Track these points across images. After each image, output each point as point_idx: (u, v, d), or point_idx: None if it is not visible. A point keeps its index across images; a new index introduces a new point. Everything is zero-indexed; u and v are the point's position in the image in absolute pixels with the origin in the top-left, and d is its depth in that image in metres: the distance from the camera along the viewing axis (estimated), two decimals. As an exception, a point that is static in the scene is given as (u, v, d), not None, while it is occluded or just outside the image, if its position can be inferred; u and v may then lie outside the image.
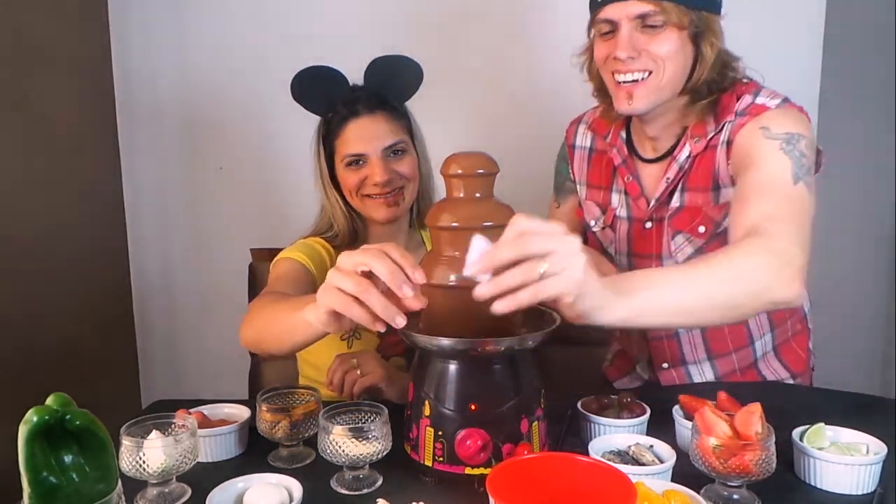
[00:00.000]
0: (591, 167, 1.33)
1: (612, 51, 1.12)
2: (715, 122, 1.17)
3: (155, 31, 2.04)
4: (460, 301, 0.96)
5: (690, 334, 1.29)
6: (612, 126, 1.29)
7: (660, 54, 1.10)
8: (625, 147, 1.28)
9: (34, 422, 0.69)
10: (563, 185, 1.39)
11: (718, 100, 1.16)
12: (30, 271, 1.66)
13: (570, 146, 1.37)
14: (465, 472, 0.94)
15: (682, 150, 1.19)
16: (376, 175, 1.30)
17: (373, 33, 1.96)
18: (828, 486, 0.94)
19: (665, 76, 1.11)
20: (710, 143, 1.18)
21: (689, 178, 1.21)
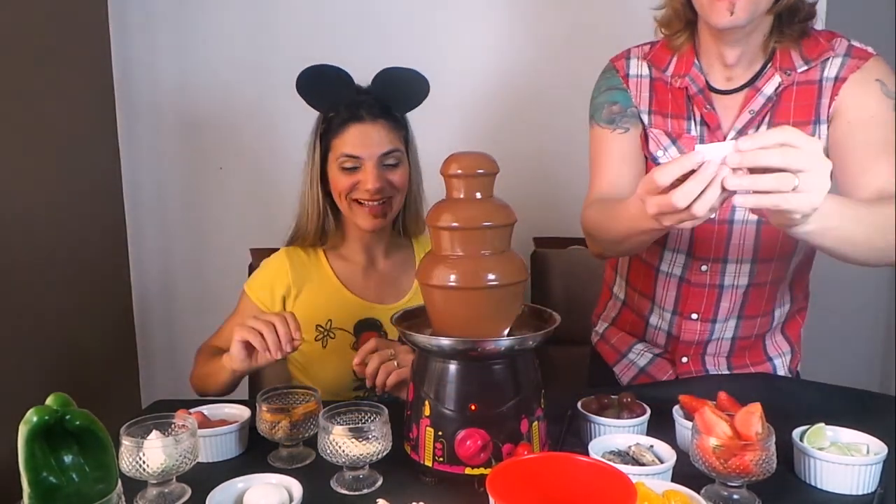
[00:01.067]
0: (656, 94, 1.27)
1: None
2: (802, 57, 1.16)
3: (155, 31, 2.04)
4: (460, 301, 0.96)
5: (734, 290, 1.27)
6: (675, 57, 1.25)
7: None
8: (702, 75, 1.22)
9: (34, 422, 0.69)
10: (628, 112, 1.28)
11: (805, 30, 1.16)
12: (30, 271, 1.66)
13: (625, 76, 1.30)
14: (465, 472, 0.94)
15: (768, 81, 1.17)
16: (369, 182, 1.30)
17: (373, 33, 1.97)
18: (828, 486, 0.94)
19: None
20: (802, 77, 1.16)
21: (777, 112, 1.18)
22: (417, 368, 1.01)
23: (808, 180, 0.80)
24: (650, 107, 1.27)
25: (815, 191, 0.81)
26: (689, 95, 1.23)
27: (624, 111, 1.28)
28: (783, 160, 0.80)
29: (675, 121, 1.25)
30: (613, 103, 1.29)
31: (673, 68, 1.25)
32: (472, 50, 1.97)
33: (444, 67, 1.95)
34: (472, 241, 0.96)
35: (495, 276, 0.94)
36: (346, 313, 1.38)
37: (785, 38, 1.16)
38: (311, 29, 1.99)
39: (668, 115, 1.25)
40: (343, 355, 1.36)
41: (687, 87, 1.23)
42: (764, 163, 0.80)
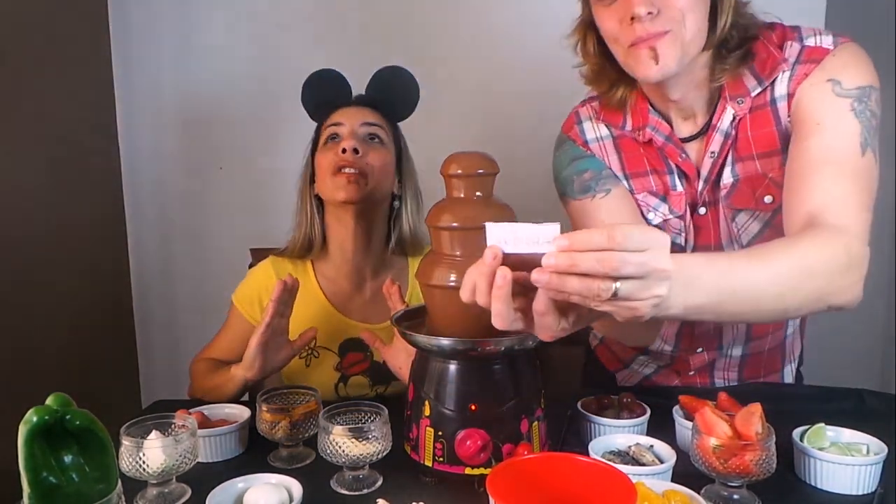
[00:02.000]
0: (625, 153, 1.14)
1: (622, 13, 0.96)
2: (755, 77, 1.02)
3: (155, 31, 2.04)
4: (460, 301, 0.96)
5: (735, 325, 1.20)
6: (627, 111, 1.12)
7: (678, 6, 0.95)
8: (664, 122, 1.09)
9: (34, 422, 0.69)
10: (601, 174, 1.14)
11: (751, 51, 1.02)
12: (30, 271, 1.66)
13: (584, 144, 1.18)
14: (465, 473, 0.94)
15: (721, 115, 1.04)
16: (344, 141, 1.29)
17: (373, 34, 1.97)
18: (828, 486, 0.94)
19: (688, 31, 0.96)
20: (757, 101, 1.03)
21: (737, 147, 1.05)
22: (417, 368, 1.01)
23: (631, 289, 0.67)
24: (624, 170, 1.14)
25: (641, 301, 0.68)
26: (658, 148, 1.11)
27: (598, 175, 1.14)
28: (600, 267, 0.66)
29: (656, 177, 1.12)
30: (583, 172, 1.15)
31: (630, 123, 1.13)
32: (472, 49, 1.97)
33: (444, 67, 1.96)
34: (472, 241, 0.95)
35: (495, 276, 0.94)
36: (331, 332, 1.36)
37: (729, 66, 1.02)
38: (310, 29, 1.99)
39: (647, 172, 1.13)
40: (326, 375, 1.36)
41: (652, 139, 1.10)
42: (578, 270, 0.66)
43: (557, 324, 0.74)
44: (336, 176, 1.29)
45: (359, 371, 1.37)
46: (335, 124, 1.33)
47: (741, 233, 1.10)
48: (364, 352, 1.36)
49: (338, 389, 1.36)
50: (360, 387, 1.37)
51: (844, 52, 0.99)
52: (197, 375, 1.36)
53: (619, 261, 0.65)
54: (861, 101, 0.96)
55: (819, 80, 0.98)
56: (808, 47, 1.01)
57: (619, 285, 0.66)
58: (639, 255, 0.66)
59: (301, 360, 1.36)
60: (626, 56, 1.00)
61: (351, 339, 1.36)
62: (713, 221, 1.12)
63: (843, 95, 0.96)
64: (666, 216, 1.14)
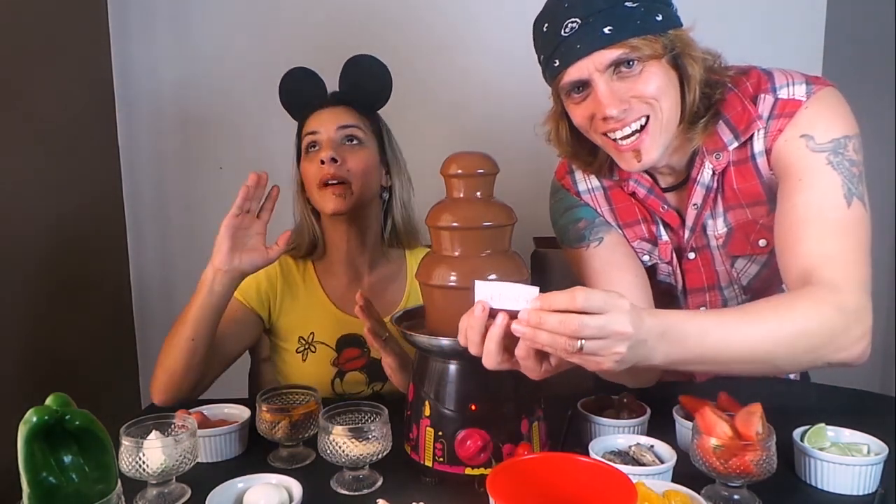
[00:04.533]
0: (616, 205, 1.17)
1: (595, 110, 0.98)
2: (731, 131, 1.03)
3: (155, 31, 2.04)
4: (460, 301, 0.96)
5: None
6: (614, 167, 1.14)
7: (650, 94, 0.96)
8: (645, 175, 1.11)
9: (34, 422, 0.69)
10: (594, 223, 1.16)
11: (719, 110, 1.03)
12: (29, 271, 1.66)
13: (577, 194, 1.20)
14: (465, 473, 0.94)
15: (700, 170, 1.06)
16: (322, 152, 1.28)
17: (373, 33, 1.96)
18: (828, 486, 0.94)
19: (664, 115, 0.98)
20: (734, 155, 1.05)
21: (726, 198, 1.08)
22: (417, 368, 1.01)
23: (594, 347, 0.76)
24: (617, 220, 1.17)
25: (604, 357, 0.77)
26: (641, 200, 1.13)
27: (591, 223, 1.16)
28: (561, 328, 0.75)
29: (645, 225, 1.15)
30: (578, 221, 1.17)
31: (617, 174, 1.15)
32: (473, 49, 1.97)
33: (444, 66, 1.96)
34: (472, 241, 0.96)
35: (495, 276, 0.94)
36: (329, 327, 1.37)
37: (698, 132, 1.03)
38: (310, 29, 1.99)
39: (637, 221, 1.15)
40: (322, 370, 1.36)
41: (635, 192, 1.13)
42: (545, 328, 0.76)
43: (540, 366, 0.82)
44: (322, 190, 1.30)
45: (355, 367, 1.37)
46: (312, 132, 1.33)
47: (741, 276, 1.14)
48: (361, 348, 1.36)
49: (334, 385, 1.36)
50: (357, 383, 1.37)
51: (817, 104, 0.99)
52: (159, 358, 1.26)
53: (579, 324, 0.75)
54: (837, 154, 0.97)
55: (793, 135, 0.99)
56: (780, 100, 1.01)
57: (582, 342, 0.75)
58: (598, 318, 0.75)
59: (298, 354, 1.36)
60: (604, 144, 1.03)
61: (348, 335, 1.37)
62: (704, 265, 1.15)
63: (818, 150, 0.96)
64: (655, 261, 1.17)
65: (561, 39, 0.96)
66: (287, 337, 1.37)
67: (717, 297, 1.17)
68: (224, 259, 1.15)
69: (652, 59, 0.95)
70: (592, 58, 0.95)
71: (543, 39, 1.01)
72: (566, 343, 0.75)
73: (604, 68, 0.95)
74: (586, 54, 0.95)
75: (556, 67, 0.99)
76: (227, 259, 1.15)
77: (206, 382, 1.25)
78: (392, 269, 1.43)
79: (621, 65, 0.95)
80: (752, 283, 1.13)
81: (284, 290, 1.37)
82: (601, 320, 0.75)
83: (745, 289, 1.15)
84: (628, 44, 0.94)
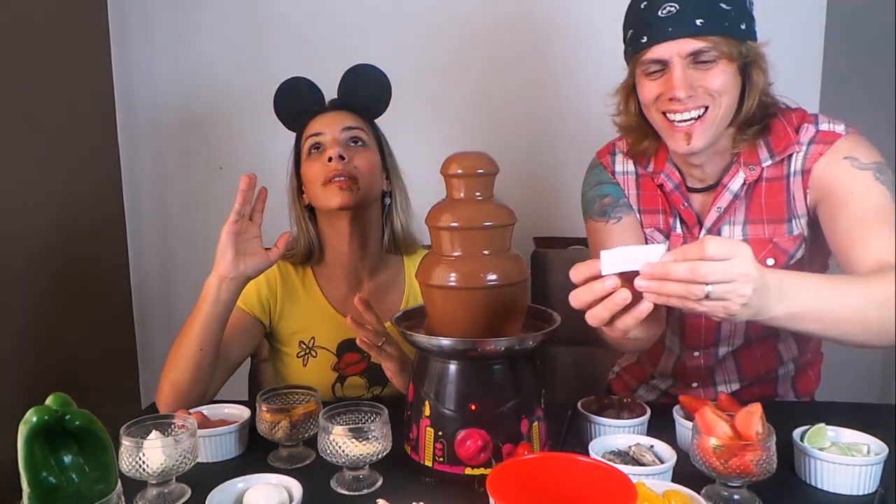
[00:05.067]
0: (643, 191, 1.27)
1: (665, 90, 1.08)
2: (768, 150, 1.14)
3: (155, 31, 2.04)
4: (460, 301, 0.96)
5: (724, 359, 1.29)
6: (652, 157, 1.25)
7: (715, 88, 1.06)
8: (677, 172, 1.22)
9: (34, 422, 0.69)
10: (620, 202, 1.27)
11: (769, 126, 1.14)
12: (29, 271, 1.66)
13: (613, 173, 1.30)
14: (465, 473, 0.94)
15: (733, 178, 1.15)
16: (329, 150, 1.29)
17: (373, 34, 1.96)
18: (828, 486, 0.94)
19: (721, 111, 1.08)
20: (768, 172, 1.14)
21: (750, 210, 1.17)
22: (417, 368, 1.01)
23: (721, 291, 0.80)
24: (639, 205, 1.27)
25: (731, 300, 0.81)
26: (666, 192, 1.23)
27: (616, 202, 1.27)
28: (691, 275, 0.79)
29: (664, 216, 1.25)
30: (605, 196, 1.28)
31: (653, 165, 1.25)
32: (473, 49, 1.97)
33: (445, 67, 1.96)
34: (472, 241, 0.96)
35: (495, 276, 0.94)
36: (329, 332, 1.36)
37: (748, 137, 1.13)
38: (310, 29, 1.99)
39: (657, 210, 1.25)
40: (323, 375, 1.35)
41: (663, 185, 1.23)
42: (673, 277, 0.80)
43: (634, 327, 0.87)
44: (327, 186, 1.29)
45: (356, 372, 1.37)
46: (316, 134, 1.32)
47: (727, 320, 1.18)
48: (361, 353, 1.35)
49: (335, 390, 1.36)
50: (357, 388, 1.37)
51: (855, 136, 1.12)
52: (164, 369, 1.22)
53: (707, 270, 0.79)
54: (881, 172, 1.08)
55: (834, 157, 1.10)
56: (821, 131, 1.12)
57: (709, 289, 0.79)
58: (724, 262, 0.79)
59: (298, 359, 1.36)
60: (660, 123, 1.12)
61: (349, 340, 1.36)
62: None
63: (864, 168, 1.08)
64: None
65: (656, 19, 1.05)
66: (288, 341, 1.37)
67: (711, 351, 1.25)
68: (229, 267, 1.14)
69: (727, 58, 1.05)
70: (679, 43, 1.04)
71: (638, 15, 1.09)
72: (696, 289, 0.79)
73: (685, 55, 1.05)
74: (675, 38, 1.04)
75: (643, 43, 1.07)
76: (233, 266, 1.14)
77: (210, 392, 1.24)
78: (391, 275, 1.43)
79: (700, 55, 1.05)
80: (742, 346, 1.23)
81: (284, 295, 1.37)
82: (727, 264, 0.79)
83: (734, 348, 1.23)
84: (713, 40, 1.03)
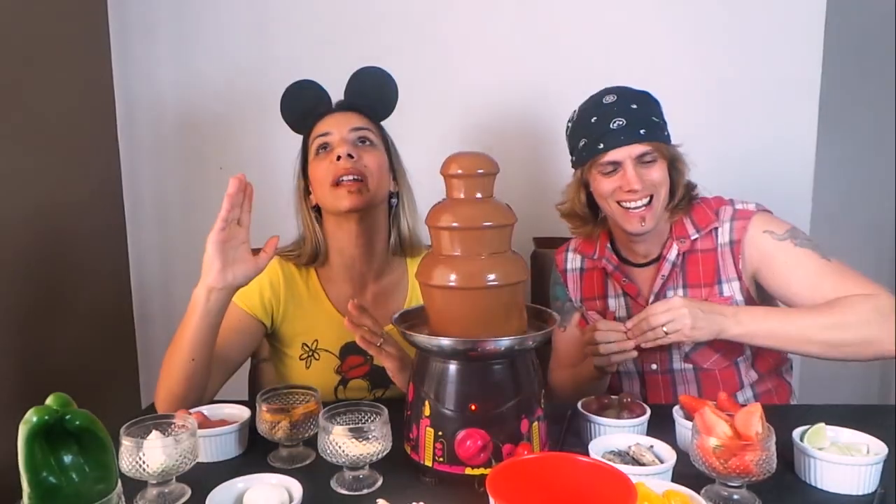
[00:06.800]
0: (584, 283, 1.52)
1: (621, 184, 1.32)
2: (694, 226, 1.39)
3: (155, 31, 2.04)
4: (460, 301, 0.96)
5: (684, 374, 1.41)
6: (597, 243, 1.49)
7: (657, 180, 1.33)
8: (614, 255, 1.46)
9: (34, 422, 0.69)
10: (564, 308, 1.52)
11: (692, 207, 1.40)
12: (29, 272, 1.66)
13: (563, 271, 1.55)
14: (465, 473, 0.94)
15: (669, 249, 1.40)
16: (337, 149, 1.28)
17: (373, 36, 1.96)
18: (828, 486, 0.94)
19: (662, 198, 1.34)
20: (700, 244, 1.39)
21: (688, 276, 1.39)
22: (417, 368, 1.01)
23: (671, 326, 1.18)
24: (582, 294, 1.52)
25: (681, 330, 1.17)
26: (608, 273, 1.47)
27: (562, 307, 1.53)
28: (647, 324, 1.19)
29: (599, 301, 1.49)
30: (556, 299, 1.56)
31: (598, 252, 1.49)
32: (474, 49, 1.97)
33: (445, 67, 1.96)
34: (472, 241, 0.96)
35: (495, 276, 0.95)
36: (333, 335, 1.35)
37: (676, 214, 1.40)
38: (310, 29, 1.99)
39: (594, 298, 1.50)
40: (326, 378, 1.35)
41: (605, 268, 1.47)
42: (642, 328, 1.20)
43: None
44: (336, 188, 1.28)
45: (359, 374, 1.36)
46: (324, 134, 1.32)
47: (684, 345, 1.37)
48: (364, 356, 1.34)
49: (337, 392, 1.36)
50: (360, 390, 1.36)
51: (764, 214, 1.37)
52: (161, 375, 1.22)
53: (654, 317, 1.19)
54: (796, 237, 1.32)
55: (756, 232, 1.34)
56: (738, 210, 1.38)
57: (665, 328, 1.18)
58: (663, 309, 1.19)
59: (301, 361, 1.36)
60: (616, 210, 1.35)
61: (352, 343, 1.35)
62: None
63: (782, 239, 1.32)
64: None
65: (608, 130, 1.31)
66: (290, 343, 1.36)
67: (665, 357, 1.41)
68: (217, 277, 1.12)
69: (662, 157, 1.33)
70: (629, 148, 1.30)
71: (590, 129, 1.34)
72: (657, 332, 1.19)
73: (635, 157, 1.31)
74: (626, 144, 1.30)
75: (600, 149, 1.32)
76: (221, 277, 1.12)
77: (209, 394, 1.23)
78: (395, 277, 1.42)
79: (645, 156, 1.31)
80: (691, 352, 1.39)
81: (288, 296, 1.36)
82: (662, 306, 1.20)
83: (686, 355, 1.39)
84: (653, 145, 1.31)
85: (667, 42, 1.90)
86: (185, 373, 1.15)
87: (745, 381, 1.39)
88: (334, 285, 1.39)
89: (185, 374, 1.15)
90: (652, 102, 1.36)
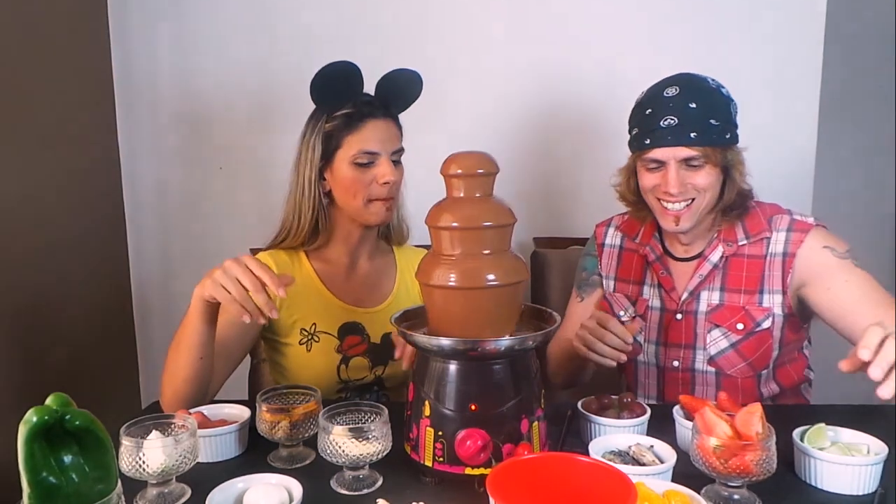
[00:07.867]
0: (622, 263, 1.48)
1: (661, 183, 1.29)
2: (744, 232, 1.35)
3: (155, 31, 2.04)
4: (460, 301, 0.96)
5: (705, 376, 1.38)
6: (643, 227, 1.45)
7: (701, 186, 1.28)
8: (659, 245, 1.43)
9: (34, 422, 0.69)
10: (590, 280, 1.51)
11: (746, 212, 1.35)
12: (29, 272, 1.66)
13: (601, 245, 1.52)
14: (466, 473, 0.94)
15: (713, 251, 1.36)
16: (387, 174, 1.32)
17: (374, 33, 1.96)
18: (828, 486, 0.94)
19: (705, 202, 1.30)
20: (749, 250, 1.34)
21: (728, 279, 1.35)
22: (417, 368, 1.01)
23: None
24: (616, 273, 1.49)
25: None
26: (648, 262, 1.44)
27: (587, 278, 1.52)
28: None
29: (634, 286, 1.46)
30: (583, 269, 1.54)
31: (641, 237, 1.46)
32: (475, 50, 1.97)
33: (446, 67, 1.96)
34: (472, 241, 0.96)
35: (495, 276, 0.94)
36: (329, 316, 1.38)
37: (729, 219, 1.35)
38: (310, 28, 1.99)
39: (629, 280, 1.46)
40: (328, 358, 1.36)
41: (646, 255, 1.44)
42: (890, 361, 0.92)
43: None
44: (369, 204, 1.34)
45: (359, 352, 1.38)
46: (371, 152, 1.32)
47: (710, 346, 1.36)
48: (361, 335, 1.39)
49: (340, 372, 1.37)
50: (361, 368, 1.38)
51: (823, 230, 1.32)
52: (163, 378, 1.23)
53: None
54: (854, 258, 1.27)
55: (815, 245, 1.29)
56: (797, 220, 1.33)
57: None
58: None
59: (301, 346, 1.37)
60: (655, 206, 1.33)
61: (348, 323, 1.39)
62: (686, 328, 1.39)
63: (842, 257, 1.27)
64: (632, 315, 1.45)
65: (657, 127, 1.26)
66: (288, 332, 1.37)
67: (689, 355, 1.38)
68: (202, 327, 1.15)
69: (712, 163, 1.27)
70: (675, 150, 1.26)
71: (643, 121, 1.30)
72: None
73: (679, 159, 1.26)
74: (672, 146, 1.26)
75: (646, 144, 1.29)
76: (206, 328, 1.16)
77: (212, 391, 1.25)
78: (384, 261, 1.48)
79: (691, 160, 1.26)
80: (716, 356, 1.35)
81: None
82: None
83: (711, 358, 1.36)
84: (702, 150, 1.25)
85: (666, 42, 1.90)
86: (193, 372, 1.16)
87: (765, 392, 1.37)
88: (326, 267, 1.42)
89: (194, 374, 1.17)
90: (717, 102, 1.27)
